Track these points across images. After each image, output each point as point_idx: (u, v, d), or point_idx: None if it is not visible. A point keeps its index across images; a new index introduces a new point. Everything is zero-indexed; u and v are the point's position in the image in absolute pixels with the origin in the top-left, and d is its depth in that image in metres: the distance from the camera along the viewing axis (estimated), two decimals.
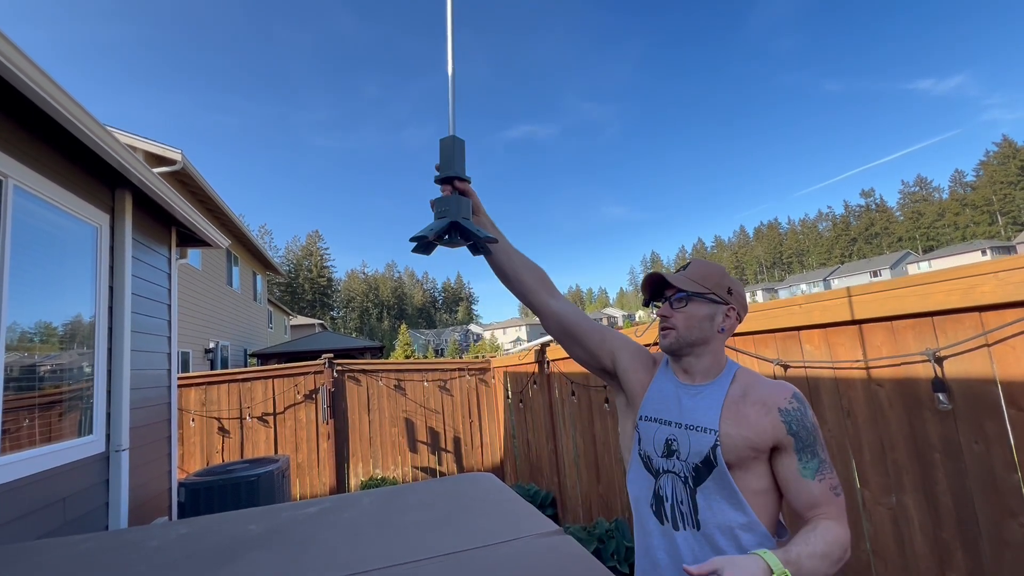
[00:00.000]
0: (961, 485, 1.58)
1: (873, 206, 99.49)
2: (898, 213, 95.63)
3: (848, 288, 1.92)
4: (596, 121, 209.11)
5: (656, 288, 1.24)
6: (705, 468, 1.11)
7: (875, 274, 59.82)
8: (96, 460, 3.09)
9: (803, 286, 69.51)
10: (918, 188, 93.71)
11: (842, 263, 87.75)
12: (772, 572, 0.89)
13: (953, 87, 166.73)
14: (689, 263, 1.24)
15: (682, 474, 1.14)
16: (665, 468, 1.16)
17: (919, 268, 56.57)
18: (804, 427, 1.10)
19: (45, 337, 2.77)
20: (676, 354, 1.21)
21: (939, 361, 1.62)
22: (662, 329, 1.21)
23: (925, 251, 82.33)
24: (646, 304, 1.27)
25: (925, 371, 1.67)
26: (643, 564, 1.21)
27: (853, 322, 1.90)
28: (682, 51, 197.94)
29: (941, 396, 1.60)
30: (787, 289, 71.91)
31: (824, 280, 66.78)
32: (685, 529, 1.12)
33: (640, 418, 1.23)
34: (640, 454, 1.22)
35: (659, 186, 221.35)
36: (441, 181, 1.15)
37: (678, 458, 1.14)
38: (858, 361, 1.89)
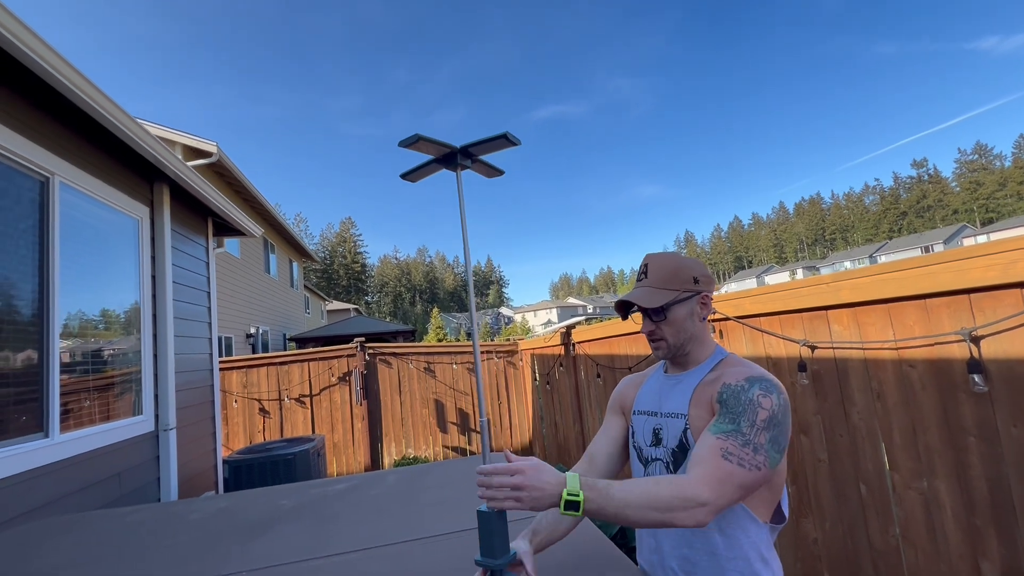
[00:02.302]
0: (997, 470, 1.51)
1: (925, 177, 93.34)
2: (954, 184, 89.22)
3: (878, 265, 1.84)
4: (628, 97, 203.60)
5: (629, 307, 1.24)
6: (681, 452, 1.12)
7: (927, 250, 56.45)
8: (147, 438, 3.31)
9: (847, 263, 66.46)
10: (977, 156, 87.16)
11: (890, 239, 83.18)
12: (565, 487, 0.90)
13: (1021, 44, 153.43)
14: (647, 266, 1.22)
15: (664, 459, 1.16)
16: (653, 456, 1.19)
17: (976, 242, 52.93)
18: (737, 398, 1.05)
19: (95, 324, 2.97)
20: (672, 359, 1.24)
21: (975, 341, 1.54)
22: (653, 343, 1.23)
23: (984, 224, 77.02)
24: (624, 319, 1.28)
25: (960, 351, 1.59)
26: (643, 553, 1.24)
27: (884, 301, 1.82)
28: (718, 19, 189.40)
29: (976, 377, 1.52)
30: (830, 267, 68.97)
31: (870, 257, 63.59)
32: None
33: (633, 412, 1.28)
34: (633, 446, 1.26)
35: (694, 162, 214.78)
36: (483, 566, 0.97)
37: (663, 445, 1.16)
38: (889, 341, 1.81)
